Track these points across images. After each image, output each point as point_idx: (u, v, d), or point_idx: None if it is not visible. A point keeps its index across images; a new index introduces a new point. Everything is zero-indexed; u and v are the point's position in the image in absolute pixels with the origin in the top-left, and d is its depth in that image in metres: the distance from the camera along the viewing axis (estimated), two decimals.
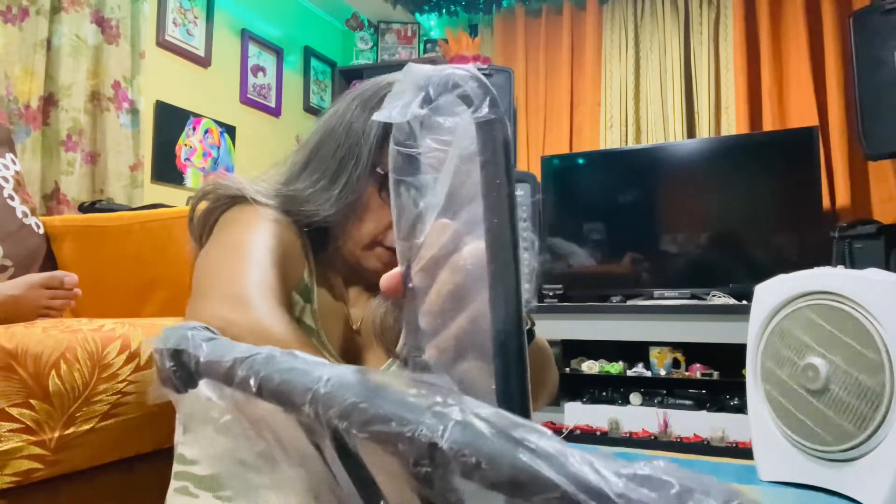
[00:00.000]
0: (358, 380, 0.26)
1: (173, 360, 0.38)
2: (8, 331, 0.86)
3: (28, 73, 2.00)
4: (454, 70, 0.33)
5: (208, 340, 0.37)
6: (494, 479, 0.21)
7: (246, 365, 0.32)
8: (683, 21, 3.11)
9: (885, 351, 1.42)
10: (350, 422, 0.25)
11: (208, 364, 0.36)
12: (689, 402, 2.36)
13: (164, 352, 0.38)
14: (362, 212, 0.75)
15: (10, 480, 0.83)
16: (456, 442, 0.22)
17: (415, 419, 0.23)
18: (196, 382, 0.38)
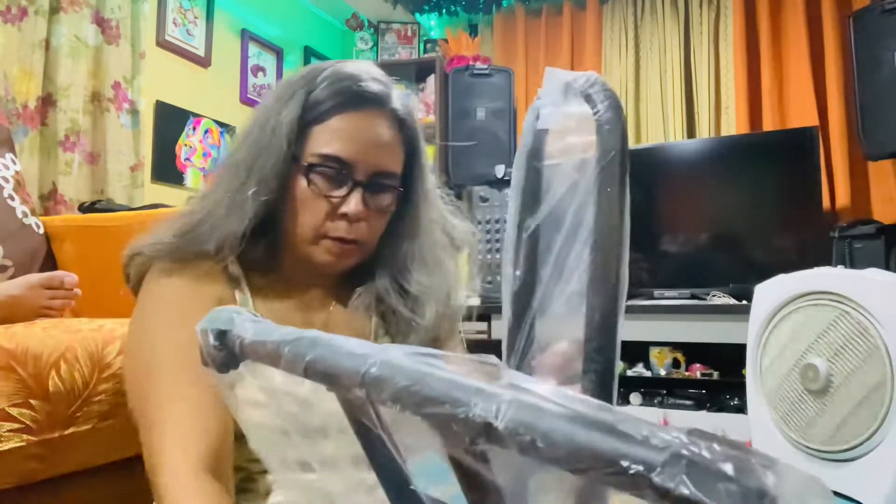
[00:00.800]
0: (407, 362, 0.27)
1: (218, 341, 0.39)
2: (8, 331, 0.86)
3: (26, 74, 2.00)
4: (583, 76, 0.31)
5: (253, 322, 0.39)
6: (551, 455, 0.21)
7: (292, 347, 0.33)
8: (683, 21, 3.11)
9: (885, 351, 1.41)
10: (403, 404, 0.26)
11: (253, 345, 0.37)
12: (689, 402, 2.36)
13: (210, 332, 0.40)
14: (295, 206, 0.73)
15: (10, 480, 0.83)
16: (512, 421, 0.22)
17: (467, 400, 0.24)
18: (238, 363, 0.39)
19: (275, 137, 0.71)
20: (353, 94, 0.73)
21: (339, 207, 0.72)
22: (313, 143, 0.72)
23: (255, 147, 0.73)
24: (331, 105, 0.72)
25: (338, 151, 0.72)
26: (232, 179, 0.73)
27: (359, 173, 0.73)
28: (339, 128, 0.72)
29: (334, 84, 0.73)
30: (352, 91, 0.73)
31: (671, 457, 0.19)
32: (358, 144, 0.72)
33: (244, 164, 0.72)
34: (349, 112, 0.73)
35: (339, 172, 0.72)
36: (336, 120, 0.72)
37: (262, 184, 0.71)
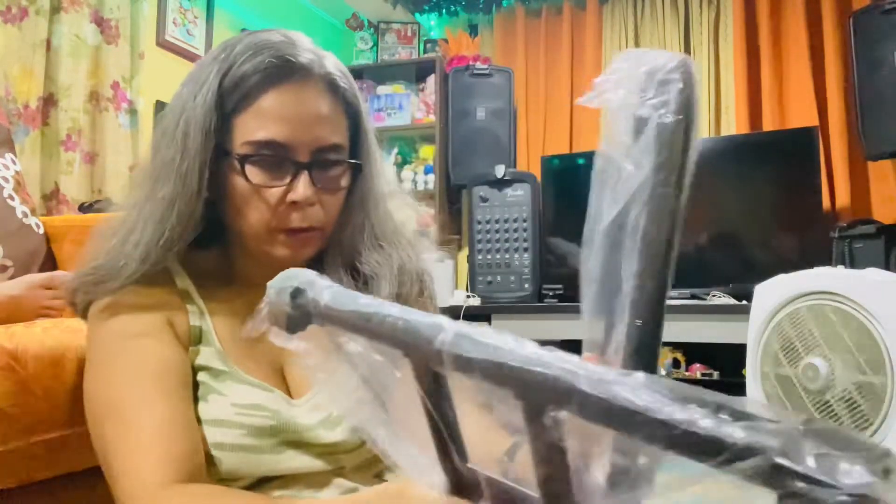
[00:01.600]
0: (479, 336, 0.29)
1: (293, 300, 0.40)
2: (8, 331, 0.86)
3: (27, 73, 2.00)
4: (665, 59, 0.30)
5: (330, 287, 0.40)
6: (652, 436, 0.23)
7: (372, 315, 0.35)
8: (683, 21, 3.11)
9: (885, 351, 1.42)
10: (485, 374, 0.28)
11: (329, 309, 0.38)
12: None
13: (285, 290, 0.40)
14: (236, 204, 0.65)
15: (10, 480, 0.83)
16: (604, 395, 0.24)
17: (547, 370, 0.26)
18: (306, 326, 0.40)
19: (192, 131, 0.62)
20: (277, 66, 0.63)
21: (286, 196, 0.64)
22: (242, 131, 0.64)
23: (172, 145, 0.64)
24: (252, 83, 0.63)
25: (271, 135, 0.63)
26: (151, 185, 0.65)
27: (300, 154, 0.64)
28: (267, 108, 0.63)
29: (252, 59, 0.63)
30: (274, 63, 0.63)
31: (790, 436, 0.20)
32: (293, 122, 0.64)
33: (163, 166, 0.64)
34: (275, 87, 0.63)
35: (277, 158, 0.64)
36: (263, 99, 0.63)
37: (180, 186, 0.63)
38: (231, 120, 0.64)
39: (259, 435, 0.62)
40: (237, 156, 0.64)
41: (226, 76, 0.63)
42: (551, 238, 2.78)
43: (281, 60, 0.63)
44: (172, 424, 0.59)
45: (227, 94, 0.63)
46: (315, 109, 0.65)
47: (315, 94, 0.65)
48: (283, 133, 0.63)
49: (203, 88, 0.63)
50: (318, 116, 0.65)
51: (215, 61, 0.64)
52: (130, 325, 0.64)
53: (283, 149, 0.64)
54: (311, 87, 0.65)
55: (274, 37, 0.66)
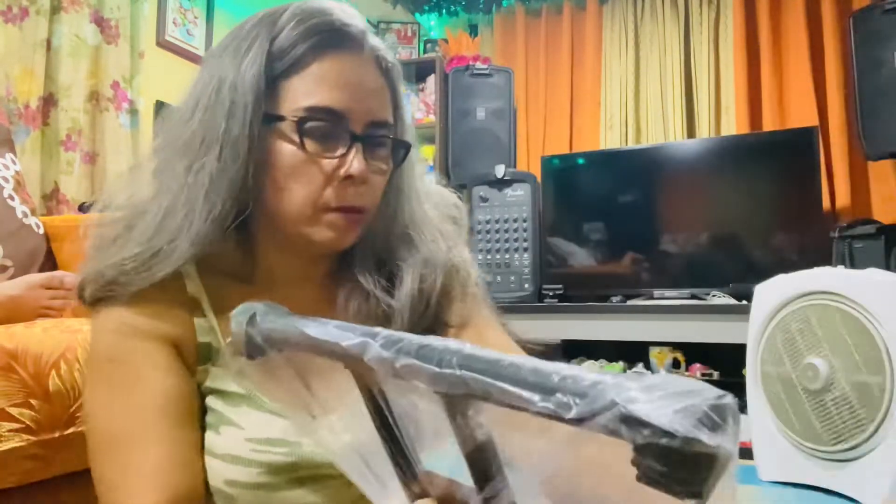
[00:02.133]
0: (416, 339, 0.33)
1: (248, 328, 0.43)
2: (8, 331, 0.86)
3: (28, 73, 2.00)
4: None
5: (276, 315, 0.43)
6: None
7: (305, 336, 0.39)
8: (683, 21, 3.11)
9: (885, 351, 1.41)
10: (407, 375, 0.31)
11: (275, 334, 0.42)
12: None
13: (242, 319, 0.43)
14: (279, 178, 0.59)
15: (10, 480, 0.83)
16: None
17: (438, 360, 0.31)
18: (265, 352, 0.43)
19: (238, 96, 0.57)
20: (330, 33, 0.60)
21: (338, 169, 0.59)
22: (292, 97, 0.59)
23: (210, 116, 0.58)
24: (304, 48, 0.59)
25: (328, 101, 0.58)
26: (192, 157, 0.58)
27: (355, 125, 0.60)
28: (324, 73, 0.59)
29: (303, 23, 0.59)
30: (328, 29, 0.60)
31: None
32: (350, 91, 0.59)
33: (199, 139, 0.58)
34: (328, 54, 0.59)
35: (333, 126, 0.59)
36: (318, 64, 0.59)
37: (228, 156, 0.57)
38: (279, 84, 0.59)
39: (276, 472, 0.58)
40: (294, 119, 0.58)
41: (275, 39, 0.59)
42: (551, 238, 2.78)
43: (337, 27, 0.60)
44: (172, 464, 0.56)
45: (277, 59, 0.59)
46: (370, 81, 0.62)
47: (368, 65, 0.62)
48: (341, 101, 0.59)
49: (251, 53, 0.59)
50: (373, 88, 0.62)
51: (260, 26, 0.60)
52: (133, 350, 0.59)
53: (340, 118, 0.59)
54: (364, 58, 0.61)
55: (324, 3, 0.62)
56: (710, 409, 0.22)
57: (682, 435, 0.22)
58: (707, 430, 0.22)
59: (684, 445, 0.22)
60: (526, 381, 0.26)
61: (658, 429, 0.22)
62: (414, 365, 0.30)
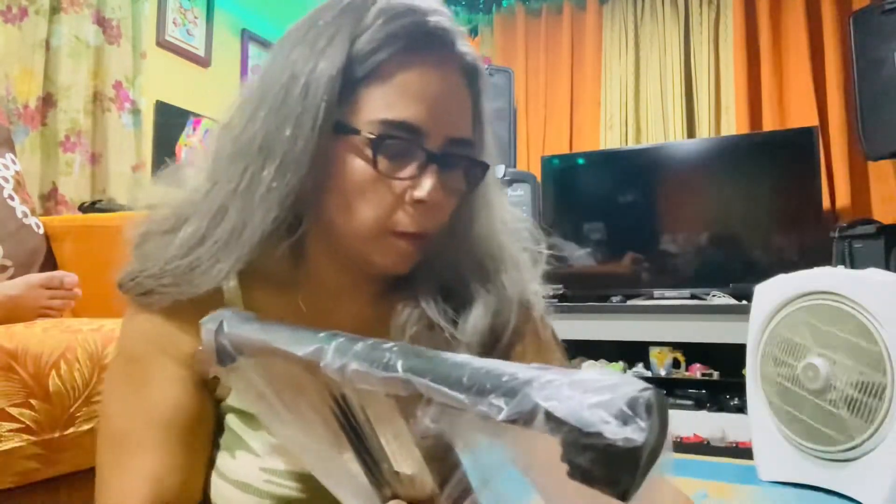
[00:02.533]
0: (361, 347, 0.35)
1: (217, 335, 0.43)
2: (8, 331, 0.86)
3: (27, 74, 2.00)
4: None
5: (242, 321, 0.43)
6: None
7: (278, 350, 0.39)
8: (683, 21, 3.11)
9: (885, 351, 1.42)
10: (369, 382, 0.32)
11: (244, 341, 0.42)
12: (689, 402, 2.36)
13: (212, 326, 0.43)
14: (346, 193, 0.53)
15: (10, 480, 0.83)
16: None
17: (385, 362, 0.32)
18: (235, 358, 0.42)
19: (309, 101, 0.51)
20: (419, 37, 0.53)
21: (409, 190, 0.53)
22: (369, 108, 0.52)
23: (275, 118, 0.52)
24: (389, 53, 0.52)
25: (406, 115, 0.52)
26: (240, 170, 0.53)
27: (431, 142, 0.53)
28: (404, 84, 0.52)
29: (390, 23, 0.53)
30: (417, 32, 0.53)
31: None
32: (430, 104, 0.53)
33: (260, 142, 0.52)
34: (414, 62, 0.53)
35: (408, 144, 0.52)
36: (400, 73, 0.52)
37: (291, 166, 0.51)
38: (356, 91, 0.52)
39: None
40: (368, 136, 0.52)
41: (357, 39, 0.52)
42: (551, 238, 2.78)
43: (428, 30, 0.53)
44: (166, 475, 0.55)
45: (357, 62, 0.52)
46: (455, 92, 0.55)
47: (454, 74, 0.55)
48: (420, 115, 0.52)
49: (327, 52, 0.52)
50: (456, 101, 0.56)
51: (342, 18, 0.53)
52: (153, 358, 0.57)
53: (417, 134, 0.53)
54: (452, 65, 0.55)
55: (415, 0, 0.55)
56: (625, 404, 0.22)
57: (588, 430, 0.22)
58: (617, 424, 0.22)
59: (593, 440, 0.22)
60: (461, 383, 0.27)
61: (572, 426, 0.22)
62: (362, 370, 0.31)
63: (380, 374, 0.30)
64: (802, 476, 1.59)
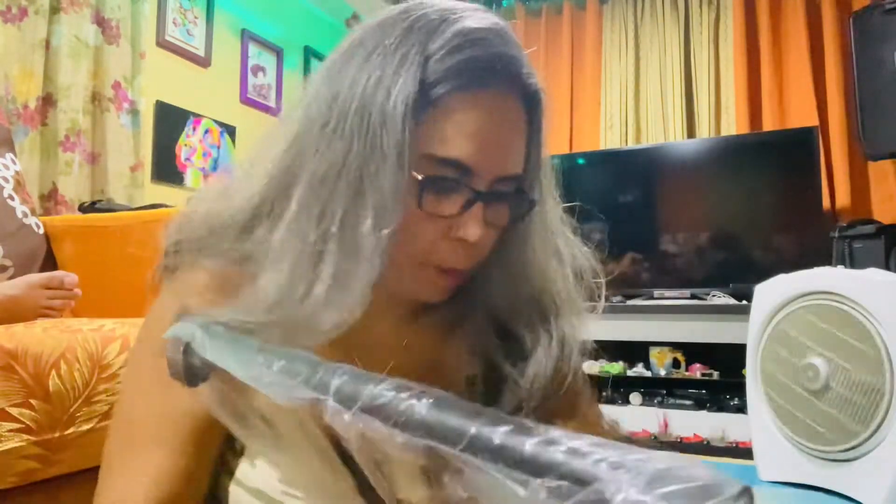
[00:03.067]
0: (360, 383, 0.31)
1: (185, 354, 0.39)
2: (8, 331, 0.86)
3: (26, 74, 2.00)
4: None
5: (212, 338, 0.39)
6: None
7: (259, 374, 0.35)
8: (683, 21, 3.11)
9: (885, 351, 1.41)
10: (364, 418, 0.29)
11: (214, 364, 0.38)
12: (689, 402, 2.36)
13: (178, 344, 0.39)
14: (399, 234, 0.49)
15: (10, 480, 0.83)
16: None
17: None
18: (205, 377, 0.39)
19: (388, 132, 0.47)
20: (483, 70, 0.50)
21: (451, 229, 0.51)
22: (423, 139, 0.49)
23: (353, 146, 0.47)
24: (451, 87, 0.49)
25: (457, 153, 0.49)
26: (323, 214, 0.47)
27: (479, 182, 0.51)
28: (459, 119, 0.49)
29: (457, 53, 0.49)
30: (481, 65, 0.50)
31: None
32: (483, 142, 0.50)
33: (345, 181, 0.47)
34: (473, 97, 0.50)
35: (454, 182, 0.50)
36: (459, 109, 0.49)
37: (382, 212, 0.46)
38: (415, 120, 0.48)
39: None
40: (419, 175, 0.49)
41: (427, 63, 0.48)
42: None
43: (492, 63, 0.51)
44: (172, 477, 0.53)
45: (424, 85, 0.48)
46: (510, 129, 0.53)
47: (515, 106, 0.53)
48: (471, 153, 0.50)
49: (402, 72, 0.48)
50: (510, 138, 0.53)
51: (412, 36, 0.49)
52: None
53: (466, 172, 0.50)
54: (511, 99, 0.53)
55: (484, 27, 0.52)
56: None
57: None
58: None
59: None
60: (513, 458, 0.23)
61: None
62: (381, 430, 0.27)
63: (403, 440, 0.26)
64: (802, 476, 1.59)
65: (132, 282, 1.52)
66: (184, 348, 0.38)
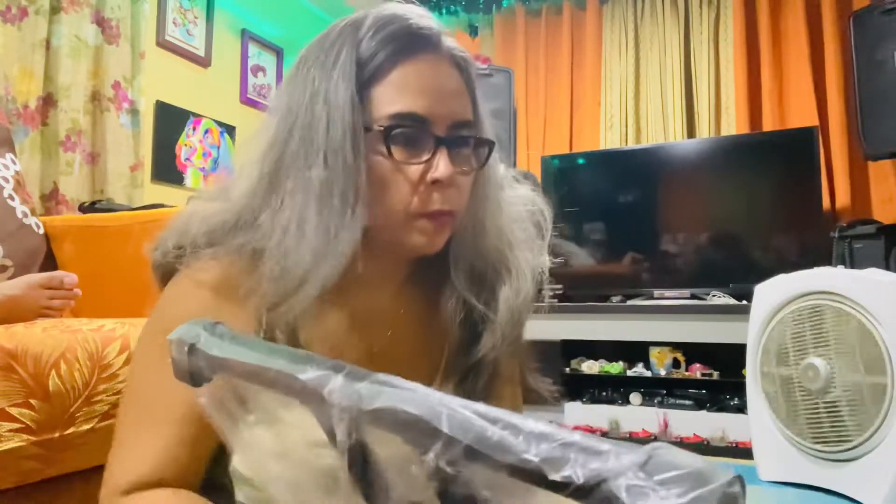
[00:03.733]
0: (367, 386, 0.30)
1: (190, 354, 0.40)
2: (8, 331, 0.86)
3: (27, 74, 2.00)
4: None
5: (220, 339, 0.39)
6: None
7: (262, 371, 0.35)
8: (683, 21, 3.11)
9: (885, 351, 1.41)
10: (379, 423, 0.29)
11: (220, 362, 0.38)
12: (689, 402, 2.36)
13: (183, 344, 0.40)
14: (373, 184, 0.59)
15: (10, 480, 0.83)
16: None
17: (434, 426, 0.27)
18: (209, 378, 0.40)
19: (335, 110, 0.57)
20: (408, 38, 0.60)
21: (425, 175, 0.60)
22: (378, 104, 0.59)
23: (308, 131, 0.58)
24: (384, 56, 0.59)
25: (411, 107, 0.59)
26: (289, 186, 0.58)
27: (438, 128, 0.60)
28: (402, 80, 0.59)
29: (381, 30, 0.60)
30: (405, 34, 0.60)
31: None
32: (431, 94, 0.60)
33: (309, 158, 0.58)
34: (407, 60, 0.60)
35: (417, 132, 0.59)
36: (399, 70, 0.59)
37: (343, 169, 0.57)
38: (364, 95, 0.59)
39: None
40: (380, 128, 0.58)
41: (358, 48, 0.59)
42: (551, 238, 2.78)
43: (413, 31, 0.61)
44: (180, 453, 0.57)
45: (361, 67, 0.59)
46: (449, 83, 0.62)
47: (446, 66, 0.63)
48: (423, 105, 0.59)
49: (338, 65, 0.59)
50: (452, 90, 0.62)
51: (343, 36, 0.61)
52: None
53: (423, 122, 0.59)
54: (442, 60, 0.62)
55: (400, 9, 0.62)
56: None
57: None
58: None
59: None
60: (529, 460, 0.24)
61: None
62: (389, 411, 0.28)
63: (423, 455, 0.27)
64: (802, 476, 1.59)
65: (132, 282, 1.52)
66: (188, 349, 0.39)
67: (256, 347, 0.37)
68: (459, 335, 0.68)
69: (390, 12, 0.62)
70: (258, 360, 0.36)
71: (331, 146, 0.57)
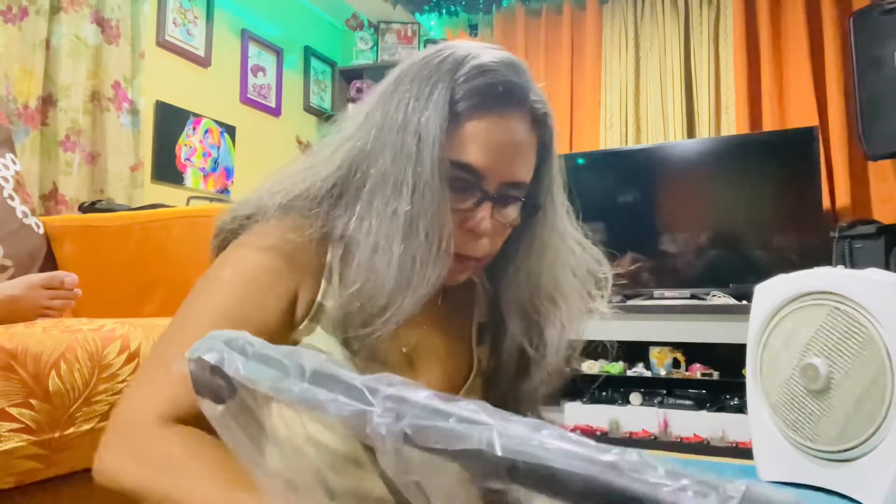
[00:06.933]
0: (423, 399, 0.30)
1: (212, 373, 0.38)
2: (8, 331, 0.86)
3: (27, 73, 2.00)
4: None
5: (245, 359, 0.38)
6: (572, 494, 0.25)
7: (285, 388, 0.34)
8: (683, 21, 3.11)
9: (885, 351, 1.41)
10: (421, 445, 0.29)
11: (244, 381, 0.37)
12: (689, 402, 2.36)
13: (205, 363, 0.38)
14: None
15: (10, 480, 0.83)
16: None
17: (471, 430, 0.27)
18: (234, 395, 0.38)
19: (425, 145, 0.62)
20: (493, 95, 0.64)
21: (464, 221, 0.65)
22: (450, 147, 0.63)
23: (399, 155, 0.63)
24: (466, 106, 0.63)
25: (471, 160, 0.63)
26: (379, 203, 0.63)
27: (489, 184, 0.65)
28: (473, 131, 0.63)
29: (473, 80, 0.64)
30: (491, 91, 0.64)
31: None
32: (492, 152, 0.64)
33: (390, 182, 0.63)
34: (485, 114, 0.64)
35: (468, 183, 0.64)
36: (472, 123, 0.63)
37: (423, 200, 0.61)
38: (445, 136, 0.64)
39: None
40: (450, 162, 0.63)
41: (453, 90, 0.63)
42: None
43: (501, 88, 0.64)
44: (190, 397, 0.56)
45: (451, 107, 0.63)
46: (514, 143, 0.65)
47: (518, 126, 0.66)
48: (481, 160, 0.64)
49: (432, 101, 0.63)
50: (515, 150, 0.66)
51: (441, 73, 0.64)
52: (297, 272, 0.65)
53: (476, 175, 0.64)
54: (515, 119, 0.65)
55: (495, 60, 0.65)
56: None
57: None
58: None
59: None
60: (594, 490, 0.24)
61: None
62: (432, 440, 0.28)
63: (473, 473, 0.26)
64: (802, 476, 1.59)
65: (132, 282, 1.53)
66: (211, 368, 0.38)
67: (283, 365, 0.36)
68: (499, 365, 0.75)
69: (487, 64, 0.65)
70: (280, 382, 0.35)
71: (420, 178, 0.61)
